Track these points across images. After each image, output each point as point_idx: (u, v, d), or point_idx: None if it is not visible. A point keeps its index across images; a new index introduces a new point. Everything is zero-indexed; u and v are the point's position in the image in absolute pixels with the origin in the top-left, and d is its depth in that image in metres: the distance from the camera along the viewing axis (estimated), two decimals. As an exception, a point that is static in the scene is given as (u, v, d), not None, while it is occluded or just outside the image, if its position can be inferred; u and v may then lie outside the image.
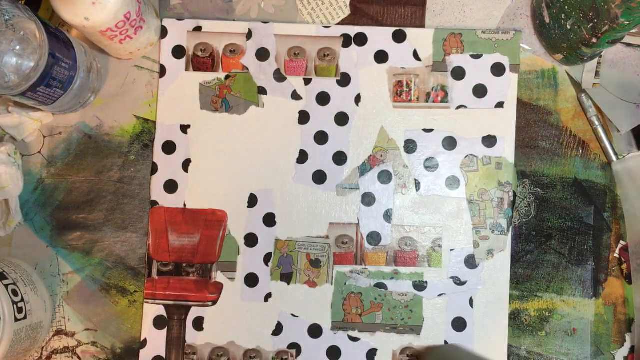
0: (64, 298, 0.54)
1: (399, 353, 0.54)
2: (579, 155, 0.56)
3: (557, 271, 0.55)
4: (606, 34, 0.49)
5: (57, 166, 0.56)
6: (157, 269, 0.55)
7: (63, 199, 0.55)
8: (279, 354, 0.54)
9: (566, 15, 0.51)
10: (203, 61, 0.56)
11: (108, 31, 0.49)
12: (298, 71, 0.56)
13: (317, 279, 0.55)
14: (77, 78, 0.52)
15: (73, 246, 0.55)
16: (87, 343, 0.54)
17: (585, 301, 0.54)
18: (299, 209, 0.55)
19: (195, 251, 0.55)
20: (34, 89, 0.47)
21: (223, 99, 0.56)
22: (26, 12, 0.46)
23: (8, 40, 0.45)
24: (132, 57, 0.56)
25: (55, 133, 0.56)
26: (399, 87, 0.56)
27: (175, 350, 0.54)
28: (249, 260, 0.55)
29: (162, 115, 0.56)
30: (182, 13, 0.57)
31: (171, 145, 0.56)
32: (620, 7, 0.46)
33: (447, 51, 0.56)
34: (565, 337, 0.54)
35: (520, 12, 0.57)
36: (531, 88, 0.56)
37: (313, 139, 0.56)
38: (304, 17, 0.57)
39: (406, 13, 0.57)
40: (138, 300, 0.55)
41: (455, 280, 0.55)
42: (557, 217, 0.55)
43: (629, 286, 0.54)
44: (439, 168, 0.55)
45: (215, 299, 0.54)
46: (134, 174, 0.56)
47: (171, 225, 0.55)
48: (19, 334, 0.48)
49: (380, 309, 0.54)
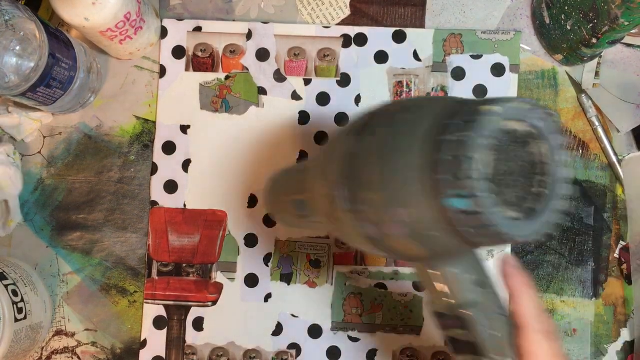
0: (64, 298, 0.54)
1: (399, 353, 0.54)
2: (579, 155, 0.56)
3: (557, 271, 0.55)
4: (606, 34, 0.49)
5: (57, 166, 0.56)
6: (157, 269, 0.55)
7: (63, 199, 0.55)
8: (279, 354, 0.54)
9: (566, 15, 0.51)
10: (203, 61, 0.56)
11: (108, 31, 0.49)
12: (298, 71, 0.56)
13: (317, 279, 0.55)
14: (77, 78, 0.51)
15: (73, 246, 0.55)
16: (87, 343, 0.54)
17: (585, 301, 0.54)
18: (299, 209, 0.55)
19: (195, 251, 0.55)
20: (34, 90, 0.47)
21: (223, 99, 0.56)
22: (26, 12, 0.46)
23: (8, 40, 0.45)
24: (132, 58, 0.56)
25: (55, 133, 0.56)
26: (399, 88, 0.56)
27: (175, 351, 0.54)
28: (249, 261, 0.55)
29: (162, 115, 0.56)
30: (182, 13, 0.57)
31: (171, 146, 0.56)
32: (620, 8, 0.46)
33: (447, 51, 0.56)
34: (565, 337, 0.54)
35: (520, 13, 0.57)
36: (531, 88, 0.56)
37: (313, 139, 0.56)
38: (304, 17, 0.57)
39: (406, 13, 0.57)
40: (138, 301, 0.55)
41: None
42: (557, 217, 0.55)
43: (629, 287, 0.54)
44: (439, 168, 0.55)
45: (215, 299, 0.54)
46: (134, 174, 0.56)
47: (171, 226, 0.55)
48: (19, 334, 0.48)
49: (380, 310, 0.54)
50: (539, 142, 0.29)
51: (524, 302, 0.32)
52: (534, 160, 0.29)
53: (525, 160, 0.29)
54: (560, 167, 0.29)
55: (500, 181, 0.28)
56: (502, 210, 0.27)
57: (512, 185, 0.28)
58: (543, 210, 0.28)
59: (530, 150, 0.29)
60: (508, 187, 0.28)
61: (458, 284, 0.32)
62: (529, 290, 0.32)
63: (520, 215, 0.28)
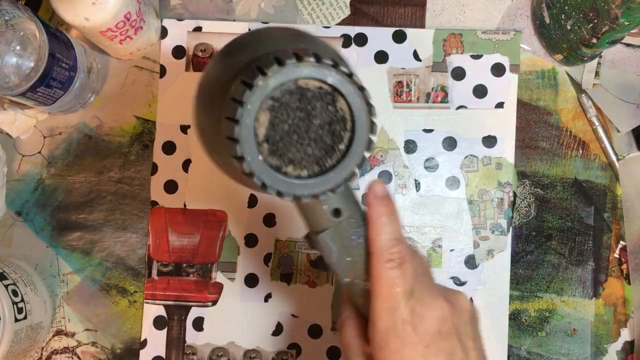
0: (64, 298, 0.54)
1: (399, 353, 0.54)
2: (579, 156, 0.56)
3: (557, 271, 0.55)
4: (606, 34, 0.49)
5: (57, 166, 0.56)
6: (157, 269, 0.55)
7: (63, 199, 0.55)
8: (279, 354, 0.54)
9: (566, 15, 0.51)
10: (203, 61, 0.56)
11: (108, 31, 0.49)
12: (298, 71, 0.56)
13: (317, 280, 0.55)
14: (77, 78, 0.51)
15: (73, 246, 0.55)
16: (87, 343, 0.54)
17: (585, 301, 0.54)
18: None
19: (195, 251, 0.55)
20: (34, 89, 0.47)
21: (223, 99, 0.56)
22: (26, 12, 0.46)
23: (8, 40, 0.45)
24: (132, 58, 0.56)
25: (55, 133, 0.56)
26: (399, 88, 0.56)
27: (175, 351, 0.54)
28: (249, 261, 0.55)
29: (162, 115, 0.56)
30: (182, 13, 0.57)
31: (171, 145, 0.56)
32: (621, 8, 0.46)
33: (447, 51, 0.56)
34: (565, 337, 0.54)
35: (520, 13, 0.57)
36: (531, 88, 0.56)
37: (313, 139, 0.56)
38: (304, 17, 0.57)
39: (406, 13, 0.57)
40: (138, 301, 0.55)
41: (455, 281, 0.54)
42: (557, 217, 0.55)
43: (629, 286, 0.54)
44: (439, 168, 0.55)
45: (215, 299, 0.54)
46: (134, 174, 0.56)
47: (171, 226, 0.55)
48: (19, 334, 0.48)
49: (380, 309, 0.54)
50: (336, 98, 0.30)
51: (376, 230, 0.33)
52: (338, 117, 0.30)
53: (327, 117, 0.30)
54: (359, 122, 0.30)
55: (284, 140, 0.30)
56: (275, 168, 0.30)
57: (300, 143, 0.30)
58: (338, 168, 0.30)
59: (332, 107, 0.30)
60: (295, 145, 0.30)
61: (313, 212, 0.34)
62: (385, 218, 0.34)
63: (310, 173, 0.30)
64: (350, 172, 0.31)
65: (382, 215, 0.34)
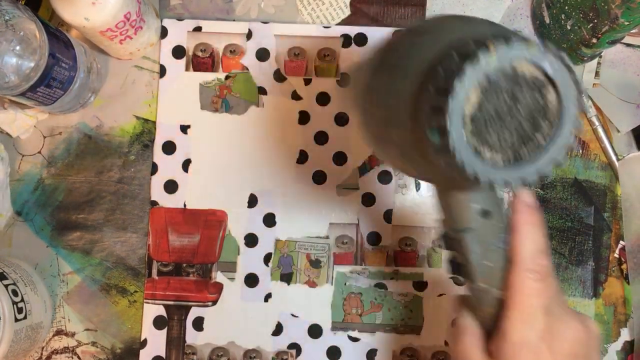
0: (64, 298, 0.54)
1: (399, 353, 0.54)
2: (579, 155, 0.56)
3: (557, 271, 0.55)
4: (606, 34, 0.49)
5: (57, 166, 0.56)
6: (157, 269, 0.55)
7: (63, 199, 0.55)
8: (279, 354, 0.54)
9: (566, 15, 0.51)
10: (203, 61, 0.56)
11: (108, 31, 0.49)
12: (298, 71, 0.56)
13: (317, 279, 0.55)
14: (77, 78, 0.52)
15: (73, 246, 0.55)
16: (87, 343, 0.54)
17: (585, 301, 0.54)
18: (299, 209, 0.55)
19: (195, 251, 0.55)
20: (34, 89, 0.47)
21: (223, 99, 0.56)
22: (26, 12, 0.46)
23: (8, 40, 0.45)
24: (132, 57, 0.56)
25: (55, 133, 0.56)
26: (399, 87, 0.56)
27: (175, 350, 0.54)
28: (249, 261, 0.55)
29: (162, 115, 0.56)
30: (182, 13, 0.57)
31: (171, 145, 0.56)
32: (620, 8, 0.46)
33: (447, 51, 0.56)
34: (565, 337, 0.54)
35: (520, 12, 0.57)
36: (531, 88, 0.56)
37: (313, 139, 0.56)
38: (304, 17, 0.57)
39: (406, 13, 0.57)
40: (138, 300, 0.55)
41: (455, 280, 0.55)
42: (557, 217, 0.55)
43: (629, 286, 0.54)
44: (439, 168, 0.55)
45: (215, 299, 0.54)
46: (134, 174, 0.56)
47: (171, 226, 0.55)
48: (19, 334, 0.48)
49: (380, 309, 0.54)
50: (547, 88, 0.28)
51: (521, 238, 0.32)
52: (541, 106, 0.28)
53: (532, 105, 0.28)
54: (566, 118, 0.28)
55: (487, 122, 0.28)
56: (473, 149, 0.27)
57: (500, 127, 0.28)
58: (533, 159, 0.28)
59: (539, 96, 0.28)
60: (495, 129, 0.28)
61: (461, 210, 0.32)
62: (531, 227, 0.32)
63: (504, 159, 0.28)
64: (553, 163, 0.28)
65: (529, 224, 0.32)
